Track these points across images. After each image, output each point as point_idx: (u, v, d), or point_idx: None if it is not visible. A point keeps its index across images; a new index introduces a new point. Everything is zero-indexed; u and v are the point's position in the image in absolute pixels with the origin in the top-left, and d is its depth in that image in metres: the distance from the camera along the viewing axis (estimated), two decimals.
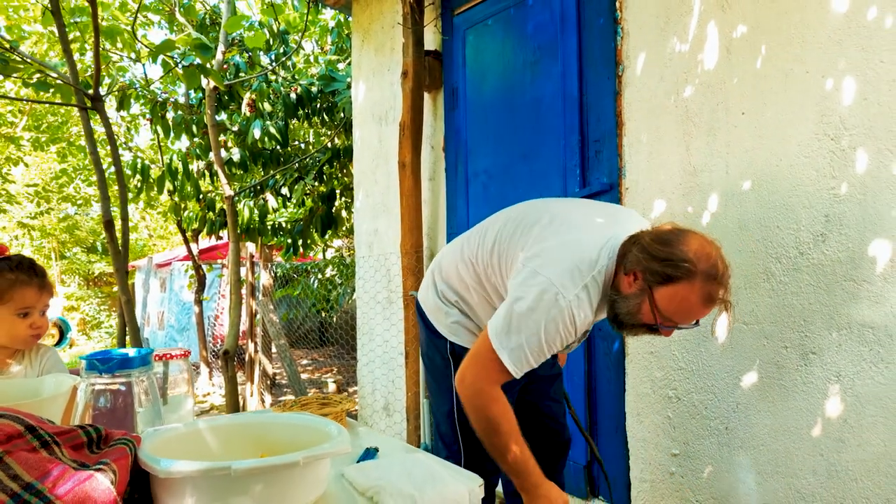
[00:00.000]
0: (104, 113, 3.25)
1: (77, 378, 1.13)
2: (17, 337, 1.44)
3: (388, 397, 3.60)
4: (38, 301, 1.44)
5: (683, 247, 1.36)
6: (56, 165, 9.46)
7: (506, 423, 1.47)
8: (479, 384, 1.46)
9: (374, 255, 3.77)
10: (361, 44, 3.90)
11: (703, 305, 1.37)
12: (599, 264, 1.47)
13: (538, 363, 1.47)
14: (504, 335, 1.44)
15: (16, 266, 1.43)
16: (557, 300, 1.40)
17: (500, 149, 2.92)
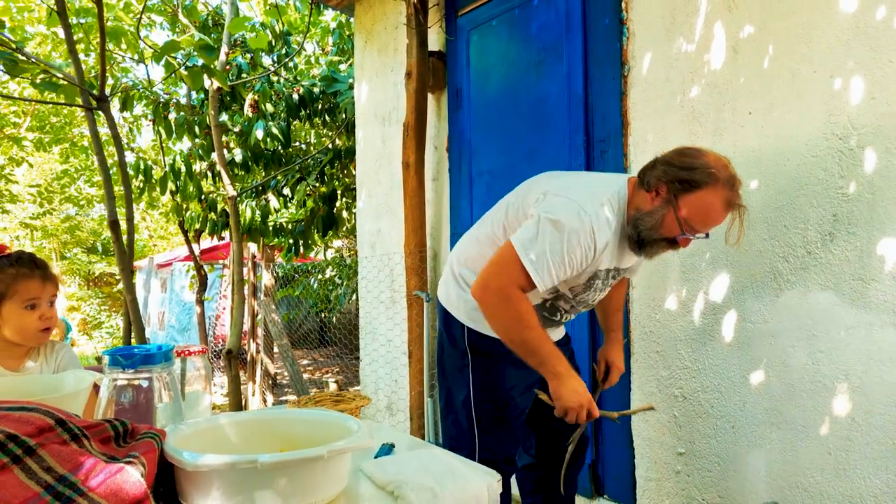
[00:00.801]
0: (109, 113, 3.26)
1: (96, 374, 1.14)
2: (28, 330, 1.45)
3: (392, 397, 3.61)
4: (43, 292, 1.45)
5: (704, 158, 1.51)
6: (58, 166, 9.46)
7: (533, 318, 1.55)
8: (505, 288, 1.53)
9: (377, 255, 3.78)
10: (364, 45, 3.91)
11: (724, 210, 1.51)
12: (613, 189, 1.61)
13: (558, 278, 1.54)
14: (529, 242, 1.52)
15: (15, 260, 1.45)
16: (579, 214, 1.51)
17: (504, 149, 2.93)
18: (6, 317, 1.44)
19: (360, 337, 3.92)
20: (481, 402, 1.77)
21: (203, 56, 3.30)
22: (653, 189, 1.54)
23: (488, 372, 1.77)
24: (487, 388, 1.77)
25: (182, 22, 4.53)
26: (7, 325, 1.44)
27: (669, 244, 1.59)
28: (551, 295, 1.70)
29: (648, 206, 1.55)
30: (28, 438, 0.74)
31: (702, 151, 1.53)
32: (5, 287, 1.43)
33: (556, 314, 1.77)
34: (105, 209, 9.99)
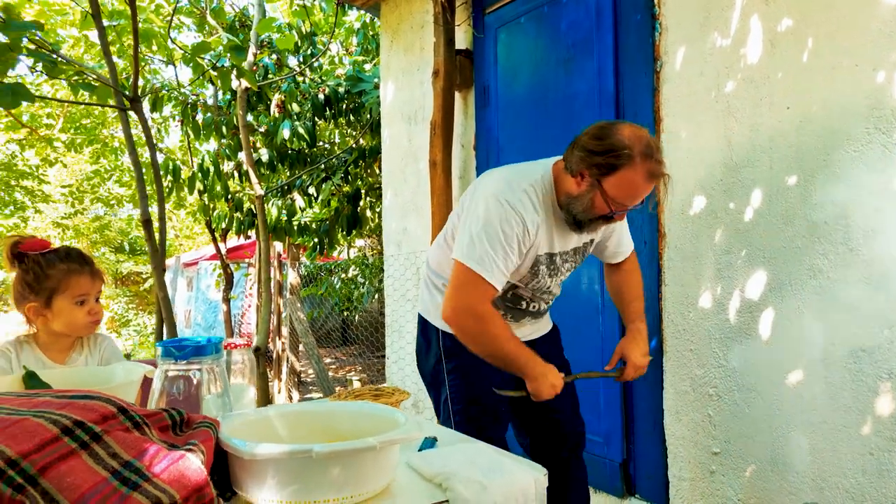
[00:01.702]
0: (142, 114, 3.31)
1: (146, 367, 1.16)
2: (77, 324, 1.48)
3: (418, 394, 3.62)
4: (93, 287, 1.49)
5: (618, 135, 1.52)
6: (88, 167, 9.63)
7: (506, 329, 1.61)
8: (468, 305, 1.58)
9: (404, 253, 3.79)
10: (390, 44, 3.92)
11: (647, 182, 1.53)
12: (533, 177, 1.65)
13: (509, 270, 1.59)
14: (468, 249, 1.58)
15: (65, 256, 1.49)
16: (501, 203, 1.57)
17: (533, 147, 2.92)
18: (57, 311, 1.47)
19: (386, 335, 3.93)
20: (458, 402, 1.80)
21: (233, 56, 3.35)
22: (577, 174, 1.58)
23: (465, 370, 1.81)
24: (464, 389, 1.81)
25: (210, 24, 4.59)
26: (57, 319, 1.48)
27: (606, 220, 1.64)
28: (507, 285, 1.74)
29: (576, 191, 1.59)
30: (94, 425, 0.75)
31: (616, 129, 1.54)
32: (57, 282, 1.47)
33: (519, 302, 1.80)
34: (135, 208, 10.15)
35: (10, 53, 2.26)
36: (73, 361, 1.49)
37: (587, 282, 2.66)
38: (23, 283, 1.46)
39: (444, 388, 1.83)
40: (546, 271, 1.74)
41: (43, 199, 9.45)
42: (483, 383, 1.80)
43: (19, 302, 1.48)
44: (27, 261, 1.47)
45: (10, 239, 1.49)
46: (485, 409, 1.81)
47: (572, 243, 1.76)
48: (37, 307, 1.47)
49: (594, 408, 2.53)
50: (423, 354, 1.91)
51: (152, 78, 5.31)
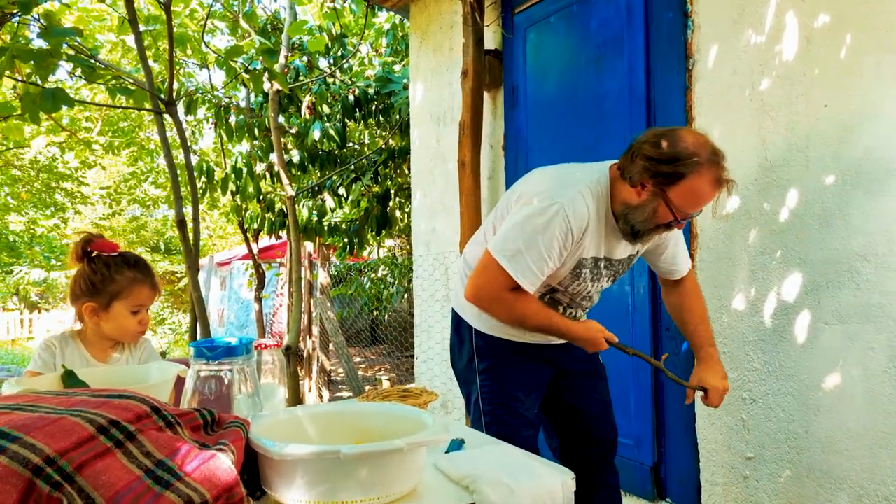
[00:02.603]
0: (177, 117, 3.38)
1: (180, 366, 1.19)
2: (127, 332, 1.51)
3: (447, 395, 3.62)
4: (150, 299, 1.52)
5: (683, 143, 1.47)
6: (125, 169, 9.89)
7: (529, 309, 1.59)
8: (494, 293, 1.58)
9: (432, 253, 3.80)
10: (419, 45, 3.93)
11: (714, 189, 1.49)
12: (589, 178, 1.60)
13: (541, 273, 1.55)
14: (502, 243, 1.55)
15: (133, 264, 1.51)
16: (551, 205, 1.52)
17: (562, 146, 2.90)
18: (113, 315, 1.49)
19: (415, 335, 3.95)
20: (489, 402, 1.79)
21: (265, 59, 3.39)
22: (637, 184, 1.52)
23: (497, 371, 1.80)
24: (496, 390, 1.79)
25: (242, 27, 4.66)
26: (110, 323, 1.50)
27: (665, 228, 1.60)
28: (545, 289, 1.71)
29: (636, 200, 1.54)
30: (128, 424, 0.77)
31: (679, 135, 1.50)
32: (120, 288, 1.49)
33: (557, 307, 1.76)
34: (170, 209, 10.34)
35: (51, 59, 2.33)
36: (115, 361, 1.53)
37: (617, 283, 2.63)
38: (87, 281, 1.48)
39: (476, 388, 1.83)
40: (589, 275, 1.69)
41: (82, 201, 9.72)
42: (515, 385, 1.80)
43: (78, 298, 1.49)
44: (96, 261, 1.49)
45: (81, 235, 1.51)
46: (515, 410, 1.80)
47: (620, 252, 1.71)
48: (94, 307, 1.49)
49: (625, 410, 2.50)
50: (457, 351, 1.92)
51: (187, 81, 5.42)
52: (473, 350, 1.83)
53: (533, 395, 1.82)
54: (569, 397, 1.90)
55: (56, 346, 1.46)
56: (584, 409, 1.91)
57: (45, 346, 1.45)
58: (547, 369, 1.84)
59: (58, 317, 13.15)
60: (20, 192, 8.42)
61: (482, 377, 1.82)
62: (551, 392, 1.88)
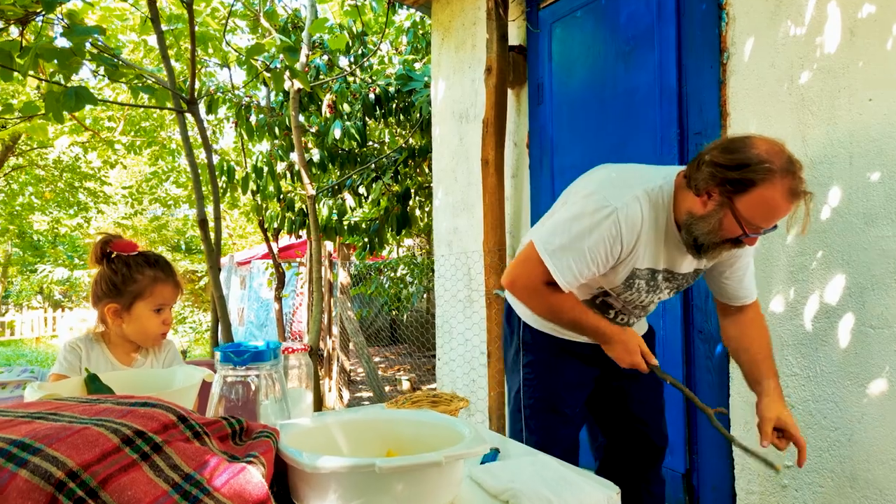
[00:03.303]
0: (199, 116, 3.37)
1: (205, 371, 1.15)
2: (150, 332, 1.48)
3: (470, 397, 3.57)
4: (172, 298, 1.49)
5: (754, 150, 1.35)
6: (147, 168, 9.97)
7: (564, 303, 1.55)
8: (529, 284, 1.54)
9: (454, 253, 3.75)
10: (441, 41, 3.88)
11: (788, 202, 1.35)
12: (651, 184, 1.49)
13: (581, 274, 1.49)
14: (548, 237, 1.50)
15: (154, 263, 1.48)
16: (603, 207, 1.45)
17: (590, 143, 2.84)
18: (136, 316, 1.46)
19: (437, 336, 3.90)
20: (530, 396, 1.78)
21: (287, 57, 3.37)
22: (703, 192, 1.41)
23: (540, 367, 1.78)
24: (538, 383, 1.78)
25: (263, 26, 4.65)
26: (132, 324, 1.47)
27: (734, 244, 1.46)
28: (598, 290, 1.65)
29: (701, 210, 1.42)
30: (154, 435, 0.73)
31: (751, 142, 1.37)
32: (142, 288, 1.46)
33: (608, 311, 1.70)
34: (191, 209, 10.38)
35: (75, 58, 2.32)
36: (139, 364, 1.50)
37: None
38: (108, 282, 1.45)
39: (518, 379, 1.82)
40: (644, 286, 1.61)
41: (104, 200, 9.82)
42: (558, 382, 1.77)
43: (100, 300, 1.47)
44: (116, 261, 1.46)
45: (100, 237, 1.48)
46: (556, 407, 1.77)
47: (683, 266, 1.61)
48: (117, 309, 1.46)
49: None
50: (507, 340, 1.90)
51: (208, 81, 5.43)
52: (520, 342, 1.82)
53: (576, 394, 1.79)
54: (619, 400, 1.85)
55: (81, 349, 1.43)
56: (635, 414, 1.86)
57: (69, 349, 1.43)
58: (594, 369, 1.79)
59: (81, 315, 13.32)
60: (44, 192, 8.52)
61: (525, 370, 1.80)
62: (600, 392, 1.84)
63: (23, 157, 7.13)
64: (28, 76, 2.96)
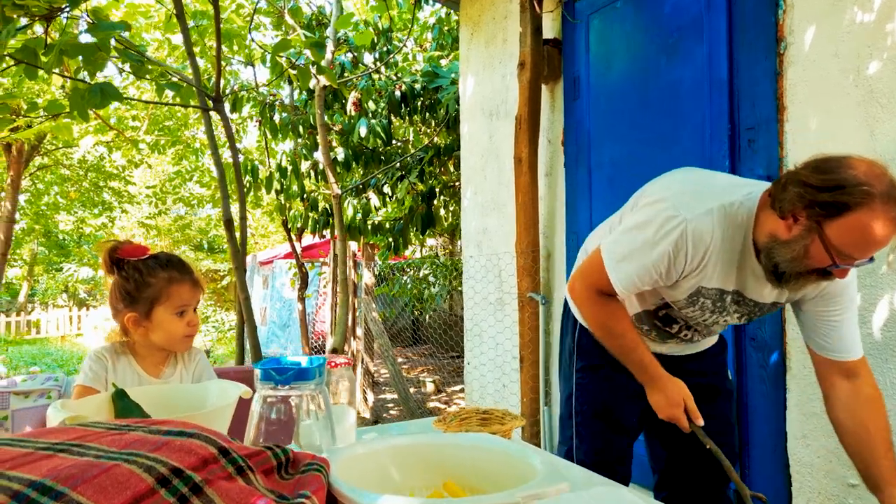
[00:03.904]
0: (224, 114, 3.30)
1: (241, 387, 1.06)
2: (176, 337, 1.39)
3: (501, 403, 3.46)
4: (193, 298, 1.40)
5: (852, 171, 1.20)
6: (170, 168, 10.01)
7: (618, 325, 1.51)
8: (589, 291, 1.51)
9: (484, 254, 3.64)
10: (470, 37, 3.78)
11: (888, 231, 1.18)
12: (730, 198, 1.36)
13: (641, 284, 1.43)
14: (613, 245, 1.45)
15: (166, 263, 1.39)
16: (673, 217, 1.35)
17: (630, 139, 2.71)
18: (157, 322, 1.38)
19: (465, 339, 3.80)
20: (583, 403, 1.72)
21: (313, 53, 3.28)
22: (788, 215, 1.26)
23: (595, 373, 1.71)
24: (592, 389, 1.71)
25: (287, 23, 4.58)
26: (157, 331, 1.38)
27: (821, 275, 1.29)
28: (661, 302, 1.56)
29: (785, 235, 1.27)
30: (193, 473, 0.63)
31: (847, 162, 1.22)
32: (157, 292, 1.37)
33: (670, 325, 1.60)
34: (214, 208, 10.36)
35: (100, 53, 2.25)
36: (168, 376, 1.41)
37: None
38: (122, 291, 1.37)
39: (571, 384, 1.76)
40: (710, 306, 1.49)
41: (128, 200, 9.87)
42: (612, 389, 1.69)
43: (118, 311, 1.39)
44: (127, 268, 1.38)
45: (107, 244, 1.40)
46: (610, 416, 1.69)
47: (759, 293, 1.45)
48: (136, 317, 1.38)
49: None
50: (563, 338, 1.85)
51: (232, 79, 5.38)
52: (574, 345, 1.76)
53: (632, 403, 1.67)
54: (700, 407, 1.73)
55: (107, 359, 1.34)
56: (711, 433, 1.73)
57: (95, 358, 1.34)
58: None
59: (105, 314, 13.44)
60: (69, 192, 8.58)
61: (579, 375, 1.74)
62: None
63: (48, 156, 7.17)
64: (53, 74, 2.91)
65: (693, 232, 1.33)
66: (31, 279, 15.65)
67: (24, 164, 6.16)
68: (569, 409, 1.75)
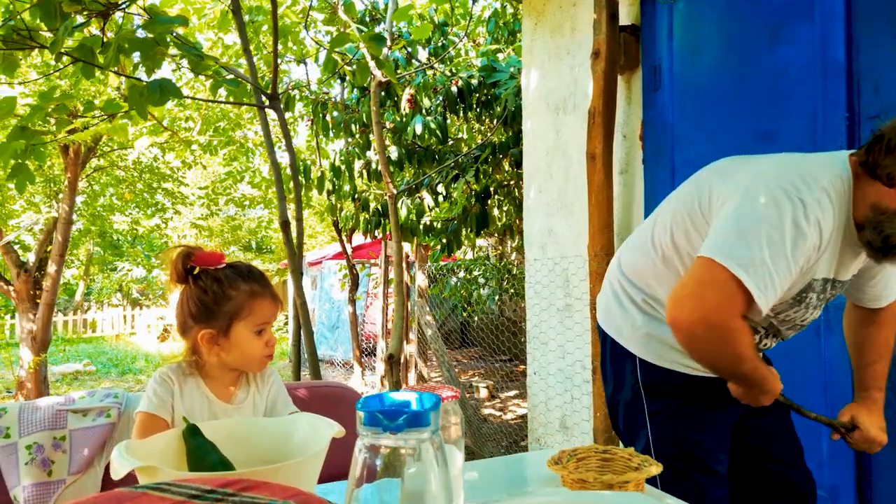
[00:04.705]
0: (280, 111, 3.19)
1: (333, 425, 0.89)
2: (253, 358, 1.22)
3: (571, 416, 3.25)
4: (272, 315, 1.22)
5: None
6: (221, 169, 10.10)
7: (749, 348, 1.24)
8: (712, 317, 1.17)
9: (549, 257, 3.44)
10: (534, 27, 3.58)
11: None
12: (833, 173, 1.23)
13: (781, 289, 1.18)
14: (731, 248, 1.16)
15: (248, 275, 1.22)
16: (797, 202, 1.17)
17: (723, 132, 2.47)
18: (235, 340, 1.20)
19: (527, 344, 3.60)
20: (667, 453, 1.40)
21: (372, 47, 3.14)
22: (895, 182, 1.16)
23: (672, 417, 1.44)
24: (671, 438, 1.43)
25: (340, 19, 4.46)
26: (233, 350, 1.21)
27: None
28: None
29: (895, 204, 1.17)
30: None
31: None
32: (238, 307, 1.19)
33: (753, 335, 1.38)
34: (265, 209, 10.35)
35: (158, 48, 2.14)
36: (240, 401, 1.25)
37: None
38: (198, 304, 1.20)
39: (645, 432, 1.46)
40: (814, 301, 1.33)
41: (181, 201, 9.99)
42: (700, 432, 1.43)
43: (190, 327, 1.22)
44: (204, 277, 1.21)
45: (178, 250, 1.22)
46: (704, 464, 1.43)
47: (847, 273, 1.36)
48: (212, 334, 1.20)
49: (815, 453, 2.04)
50: (610, 381, 1.56)
51: (285, 78, 5.31)
52: (639, 387, 1.46)
53: (723, 445, 1.46)
54: (755, 439, 1.52)
55: (173, 381, 1.19)
56: (774, 454, 1.53)
57: (160, 381, 1.18)
58: (735, 410, 1.46)
59: (158, 313, 13.71)
60: (124, 193, 8.72)
61: (654, 421, 1.45)
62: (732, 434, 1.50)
63: (104, 158, 7.27)
64: (109, 73, 2.83)
65: (822, 216, 1.18)
66: (86, 279, 16.11)
67: (81, 166, 6.23)
68: None
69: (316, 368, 2.77)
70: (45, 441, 1.39)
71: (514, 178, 5.63)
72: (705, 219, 1.31)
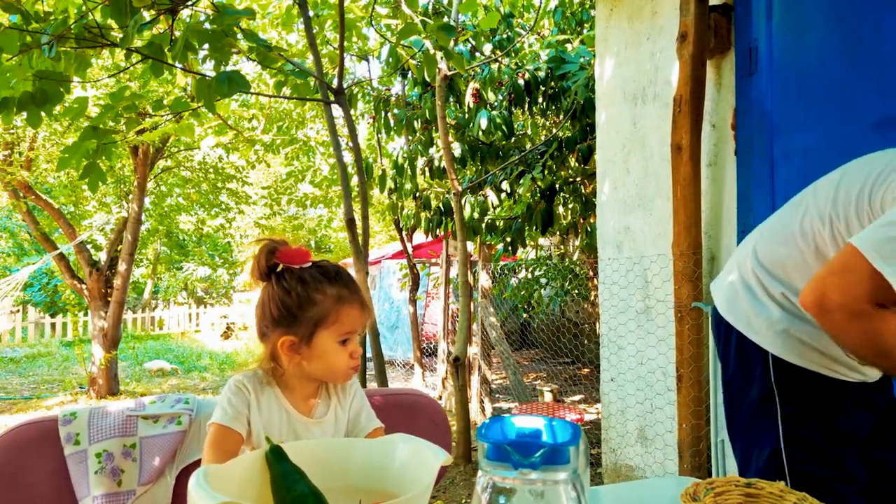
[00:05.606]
0: (346, 107, 3.10)
1: (441, 453, 0.75)
2: (337, 371, 1.09)
3: (654, 427, 3.04)
4: (360, 324, 1.08)
5: None
6: (282, 169, 10.23)
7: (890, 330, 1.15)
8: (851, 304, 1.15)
9: (626, 256, 3.23)
10: (609, 13, 3.37)
11: None
12: None
13: None
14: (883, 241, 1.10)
15: (335, 276, 1.08)
16: None
17: (831, 123, 2.22)
18: (318, 349, 1.06)
19: (601, 348, 3.40)
20: (804, 461, 1.31)
21: (441, 38, 3.01)
22: None
23: (807, 419, 1.33)
24: (806, 442, 1.33)
25: (404, 12, 4.37)
26: (316, 360, 1.07)
27: None
28: None
29: None
30: None
31: None
32: (324, 312, 1.05)
33: None
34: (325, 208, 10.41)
35: (227, 39, 2.07)
36: (320, 415, 1.12)
37: None
38: (281, 307, 1.07)
39: (776, 435, 1.35)
40: None
41: (244, 201, 10.16)
42: (839, 437, 1.31)
43: (269, 332, 1.10)
44: (288, 277, 1.08)
45: (263, 243, 1.08)
46: (845, 471, 1.31)
47: None
48: (294, 342, 1.07)
49: None
50: (735, 378, 1.45)
51: (348, 76, 5.26)
52: (772, 386, 1.35)
53: (859, 452, 1.33)
54: (878, 451, 1.37)
55: (249, 391, 1.07)
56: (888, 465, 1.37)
57: (235, 390, 1.07)
58: (870, 416, 1.34)
59: (221, 311, 14.04)
60: (190, 193, 8.93)
61: (788, 425, 1.33)
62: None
63: (171, 158, 7.45)
64: (177, 71, 2.81)
65: None
66: (154, 277, 16.68)
67: (150, 166, 6.38)
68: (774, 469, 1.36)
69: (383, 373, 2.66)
70: (115, 449, 1.31)
71: (580, 175, 5.42)
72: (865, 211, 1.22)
